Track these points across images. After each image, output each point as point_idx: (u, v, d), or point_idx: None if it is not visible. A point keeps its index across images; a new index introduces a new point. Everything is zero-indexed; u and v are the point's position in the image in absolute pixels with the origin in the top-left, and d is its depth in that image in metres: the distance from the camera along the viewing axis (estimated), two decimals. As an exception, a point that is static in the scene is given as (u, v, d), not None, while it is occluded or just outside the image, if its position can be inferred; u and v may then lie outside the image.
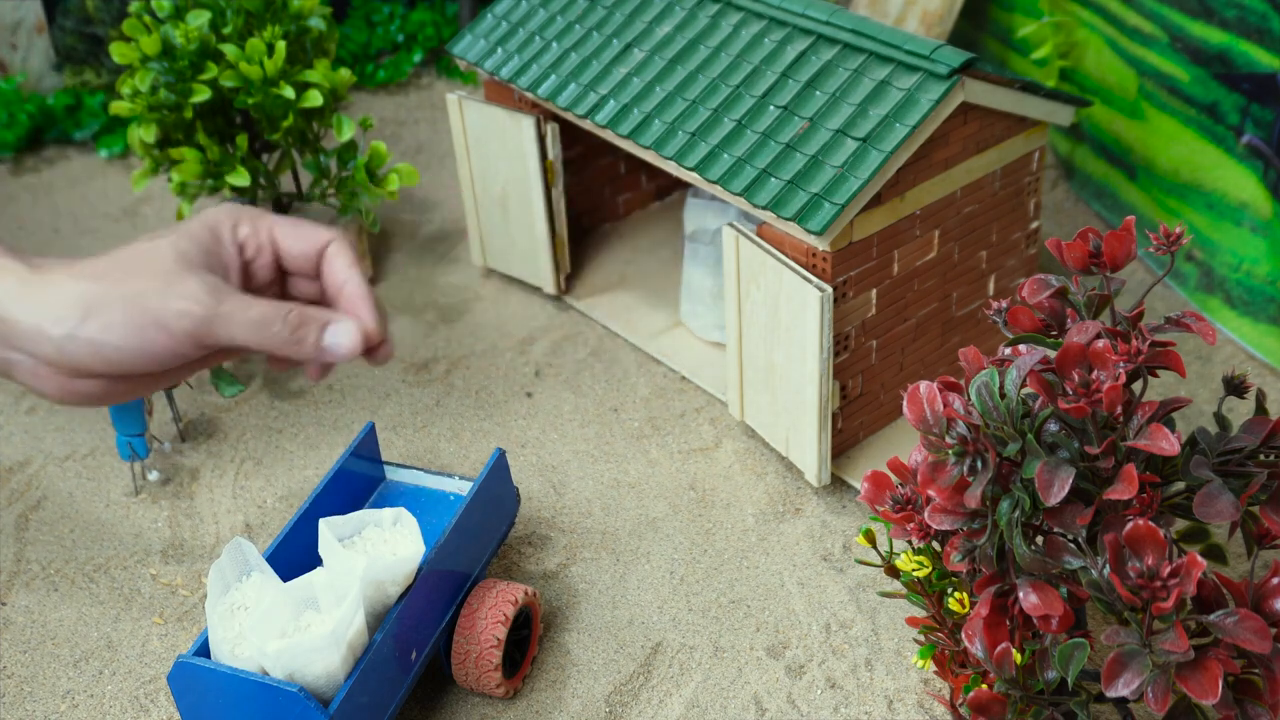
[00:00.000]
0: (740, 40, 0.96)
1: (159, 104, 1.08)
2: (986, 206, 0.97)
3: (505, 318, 1.16)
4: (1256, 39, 1.01)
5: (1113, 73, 1.18)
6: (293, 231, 0.79)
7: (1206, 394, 1.04)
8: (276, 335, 0.75)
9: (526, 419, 1.05)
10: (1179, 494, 0.70)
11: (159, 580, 0.93)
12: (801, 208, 0.86)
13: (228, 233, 0.78)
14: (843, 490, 0.97)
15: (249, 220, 0.79)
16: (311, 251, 0.79)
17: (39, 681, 0.86)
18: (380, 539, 0.79)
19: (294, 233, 0.79)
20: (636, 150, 0.97)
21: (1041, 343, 0.69)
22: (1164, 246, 0.69)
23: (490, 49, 1.09)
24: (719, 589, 0.90)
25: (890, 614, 0.88)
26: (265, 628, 0.72)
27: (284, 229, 0.79)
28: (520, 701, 0.84)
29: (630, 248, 1.23)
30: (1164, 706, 0.61)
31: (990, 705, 0.67)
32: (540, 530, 0.96)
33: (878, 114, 0.87)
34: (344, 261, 0.78)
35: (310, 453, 1.03)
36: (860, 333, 0.93)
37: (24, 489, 1.01)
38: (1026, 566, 0.65)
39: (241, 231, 0.79)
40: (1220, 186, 1.08)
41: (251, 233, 0.79)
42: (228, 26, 1.09)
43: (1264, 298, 1.06)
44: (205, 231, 0.78)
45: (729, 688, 0.84)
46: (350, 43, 1.51)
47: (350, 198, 1.14)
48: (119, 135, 1.40)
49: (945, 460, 0.65)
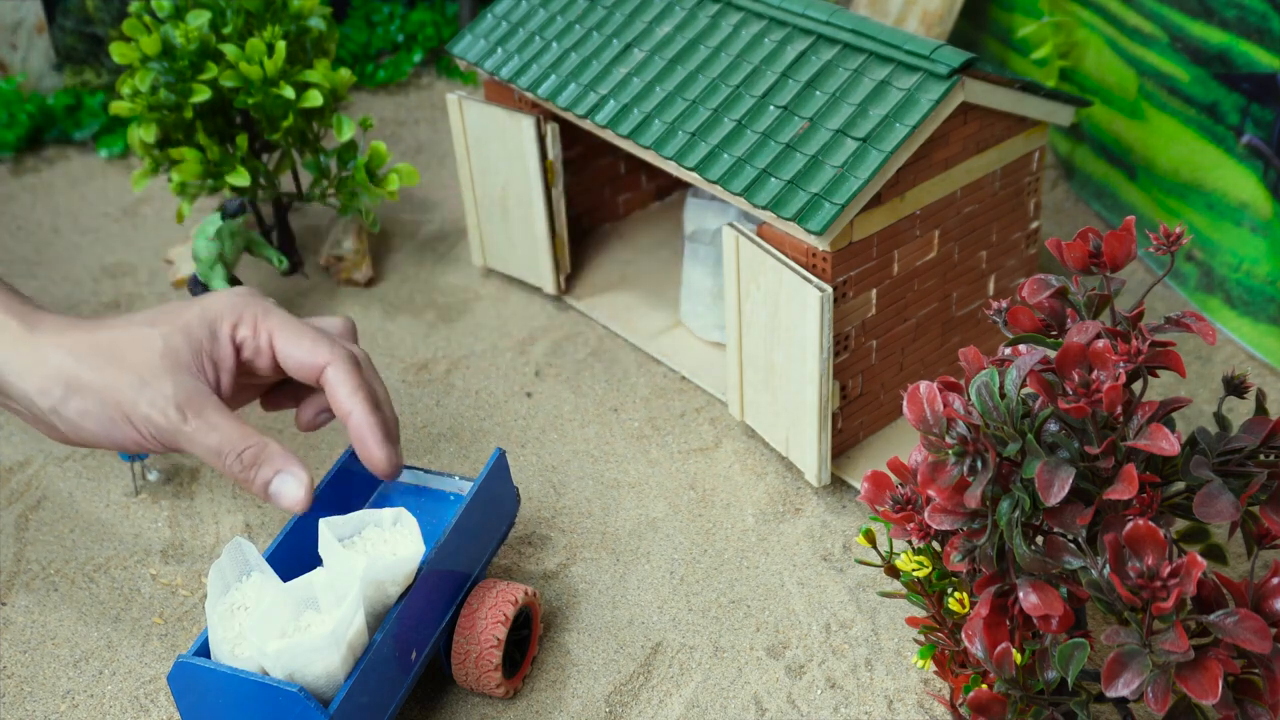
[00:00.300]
0: (740, 40, 0.96)
1: (159, 104, 1.08)
2: (986, 206, 0.97)
3: (505, 318, 1.16)
4: (1256, 39, 1.01)
5: (1113, 73, 1.18)
6: (292, 344, 0.77)
7: (1206, 394, 1.04)
8: (229, 468, 0.75)
9: (526, 419, 1.05)
10: (1179, 494, 0.70)
11: (159, 580, 0.93)
12: (801, 208, 0.86)
13: (226, 331, 0.77)
14: (843, 490, 0.97)
15: (250, 322, 0.77)
16: (309, 369, 0.77)
17: (39, 681, 0.86)
18: (380, 539, 0.79)
19: (292, 345, 0.77)
20: (636, 150, 0.97)
21: (1041, 343, 0.69)
22: (1164, 246, 0.69)
23: (490, 49, 1.09)
24: (719, 589, 0.90)
25: (890, 614, 0.88)
26: (265, 628, 0.72)
27: (283, 338, 0.77)
28: (520, 701, 0.84)
29: (630, 248, 1.23)
30: (1164, 706, 0.61)
31: (990, 705, 0.67)
32: (540, 530, 0.96)
33: (878, 114, 0.87)
34: (345, 391, 0.77)
35: (310, 453, 1.03)
36: (860, 333, 0.93)
37: (24, 489, 1.01)
38: (1026, 566, 0.65)
39: (240, 333, 0.77)
40: (1220, 186, 1.08)
41: (250, 335, 0.77)
42: (228, 26, 1.09)
43: (1264, 298, 1.06)
44: (203, 328, 0.76)
45: (729, 688, 0.84)
46: (350, 43, 1.51)
47: (350, 198, 1.14)
48: (119, 135, 1.40)
49: (945, 460, 0.65)
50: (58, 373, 0.76)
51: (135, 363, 0.75)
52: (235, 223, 1.08)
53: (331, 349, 0.78)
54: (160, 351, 0.75)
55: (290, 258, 1.20)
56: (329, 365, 0.77)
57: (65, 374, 0.75)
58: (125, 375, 0.75)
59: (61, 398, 0.76)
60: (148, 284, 1.22)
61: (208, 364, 0.77)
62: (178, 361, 0.75)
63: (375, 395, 0.79)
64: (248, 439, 0.75)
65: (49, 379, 0.76)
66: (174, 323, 0.77)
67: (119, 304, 1.19)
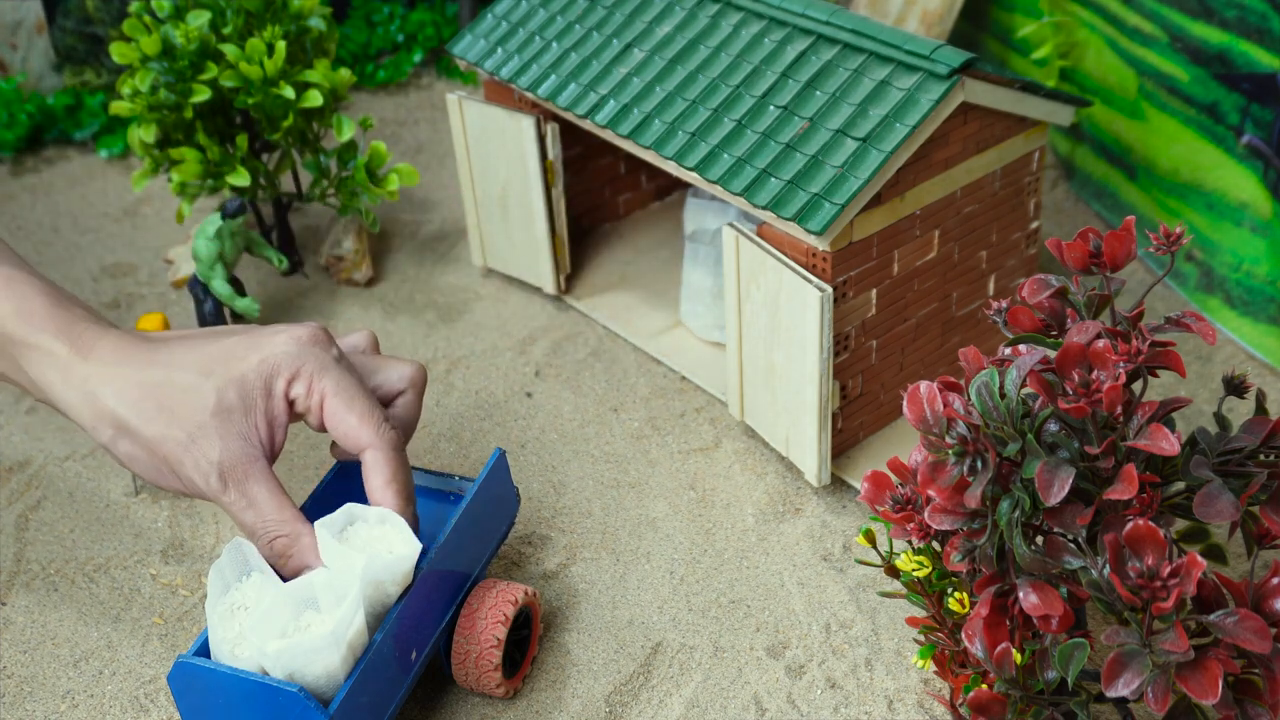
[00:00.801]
0: (740, 40, 0.96)
1: (159, 104, 1.08)
2: (986, 206, 0.97)
3: (505, 318, 1.16)
4: (1256, 39, 1.01)
5: (1113, 73, 1.18)
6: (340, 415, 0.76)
7: (1206, 394, 1.04)
8: (260, 548, 0.76)
9: (526, 419, 1.05)
10: (1179, 494, 0.70)
11: (159, 580, 0.93)
12: (801, 208, 0.86)
13: (281, 388, 0.76)
14: (843, 490, 0.97)
15: (306, 380, 0.76)
16: (352, 444, 0.77)
17: (39, 681, 0.86)
18: (371, 536, 0.79)
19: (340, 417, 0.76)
20: (636, 150, 0.97)
21: (1041, 343, 0.69)
22: (1164, 246, 0.69)
23: (490, 49, 1.09)
24: (719, 589, 0.90)
25: (890, 614, 0.88)
26: (265, 628, 0.72)
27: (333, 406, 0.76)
28: (520, 701, 0.84)
29: (630, 248, 1.23)
30: (1164, 706, 0.61)
31: (990, 705, 0.67)
32: (540, 530, 0.96)
33: (878, 114, 0.87)
34: (380, 479, 0.76)
35: (310, 453, 1.03)
36: (860, 333, 0.93)
37: (24, 489, 1.01)
38: (1026, 566, 0.65)
39: (295, 390, 0.76)
40: (1220, 186, 1.08)
41: (304, 395, 0.76)
42: (228, 26, 1.09)
43: (1264, 298, 1.06)
44: (259, 384, 0.75)
45: (729, 688, 0.84)
46: (350, 43, 1.51)
47: (350, 198, 1.14)
48: (119, 135, 1.40)
49: (945, 460, 0.65)
50: (110, 415, 0.76)
51: (184, 418, 0.74)
52: (235, 223, 1.08)
53: (377, 432, 0.76)
54: (211, 409, 0.74)
55: (290, 258, 1.20)
56: (369, 449, 0.77)
57: (116, 419, 0.75)
58: (173, 430, 0.74)
59: (112, 438, 0.76)
60: (148, 284, 1.22)
61: (261, 421, 0.76)
62: (228, 421, 0.74)
63: (408, 489, 0.78)
64: (282, 526, 0.75)
65: (100, 418, 0.76)
66: (229, 374, 0.75)
67: (119, 304, 1.19)
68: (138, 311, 1.18)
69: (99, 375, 0.76)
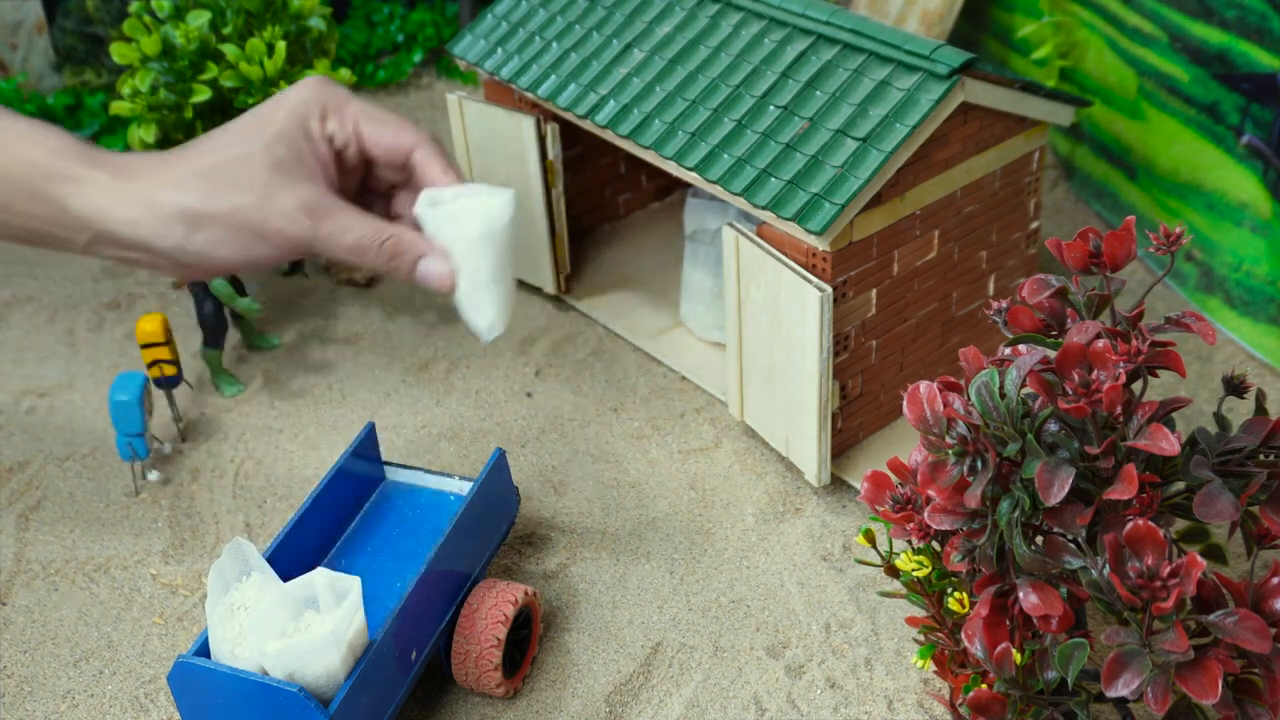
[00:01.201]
0: (740, 40, 0.96)
1: (159, 104, 1.08)
2: (986, 206, 0.97)
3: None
4: (1256, 39, 1.01)
5: (1113, 73, 1.18)
6: (377, 130, 0.80)
7: (1206, 394, 1.04)
8: (372, 260, 0.77)
9: (526, 419, 1.05)
10: (1179, 494, 0.70)
11: (159, 580, 0.93)
12: (801, 208, 0.86)
13: (316, 127, 0.78)
14: (843, 490, 0.97)
15: (335, 112, 0.79)
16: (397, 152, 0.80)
17: (39, 681, 0.86)
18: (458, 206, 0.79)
19: (378, 131, 0.80)
20: (636, 150, 0.97)
21: (1041, 343, 0.69)
22: (1164, 246, 0.69)
23: (490, 49, 1.09)
24: (719, 589, 0.90)
25: (890, 614, 0.88)
26: (265, 628, 0.72)
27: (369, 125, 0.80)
28: (520, 701, 0.84)
29: (630, 248, 1.23)
30: (1164, 706, 0.61)
31: (990, 705, 0.67)
32: (540, 530, 0.96)
33: (878, 114, 0.87)
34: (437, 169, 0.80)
35: (310, 453, 1.03)
36: (860, 333, 0.93)
37: (24, 489, 1.01)
38: (1026, 566, 0.65)
39: (330, 126, 0.79)
40: (1220, 186, 1.08)
41: (339, 126, 0.79)
42: (228, 26, 1.09)
43: (1264, 298, 1.06)
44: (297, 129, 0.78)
45: (729, 688, 0.84)
46: (350, 43, 1.51)
47: (350, 198, 1.14)
48: (119, 135, 1.40)
49: (945, 460, 0.65)
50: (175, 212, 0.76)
51: (250, 184, 0.76)
52: (235, 223, 1.08)
53: (416, 131, 0.80)
54: (270, 167, 0.76)
55: (290, 258, 1.20)
56: (417, 147, 0.80)
57: (184, 211, 0.76)
58: (246, 196, 0.76)
59: (185, 234, 0.77)
60: (148, 284, 1.22)
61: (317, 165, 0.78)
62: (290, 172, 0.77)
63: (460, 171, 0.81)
64: (382, 231, 0.77)
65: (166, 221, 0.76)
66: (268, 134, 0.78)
67: (119, 304, 1.19)
68: (138, 311, 1.18)
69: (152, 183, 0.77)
